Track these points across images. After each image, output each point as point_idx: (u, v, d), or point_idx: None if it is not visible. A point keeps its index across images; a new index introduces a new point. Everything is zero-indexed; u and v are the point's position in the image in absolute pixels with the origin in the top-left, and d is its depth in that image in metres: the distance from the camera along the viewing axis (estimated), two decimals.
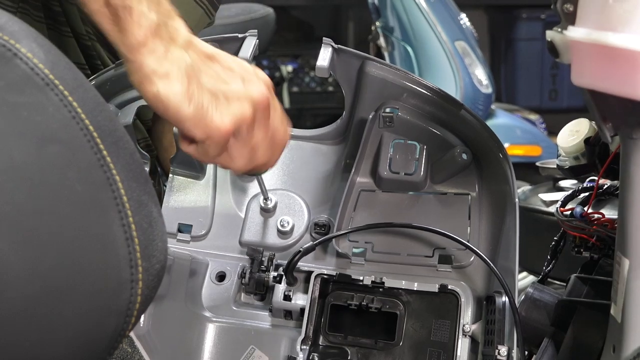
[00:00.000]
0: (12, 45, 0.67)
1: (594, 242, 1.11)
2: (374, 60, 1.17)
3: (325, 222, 1.25)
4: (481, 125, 1.16)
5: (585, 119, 1.17)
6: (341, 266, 1.21)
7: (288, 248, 1.24)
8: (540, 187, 2.04)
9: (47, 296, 0.64)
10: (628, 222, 0.83)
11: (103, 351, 0.71)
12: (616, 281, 0.86)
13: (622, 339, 0.85)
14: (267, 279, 1.21)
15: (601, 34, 0.71)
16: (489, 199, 1.20)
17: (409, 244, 1.20)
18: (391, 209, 1.22)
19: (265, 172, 1.09)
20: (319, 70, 1.13)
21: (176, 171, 1.29)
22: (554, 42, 0.81)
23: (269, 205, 1.25)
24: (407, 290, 1.17)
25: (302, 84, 4.61)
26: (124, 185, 0.69)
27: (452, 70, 3.36)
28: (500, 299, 1.08)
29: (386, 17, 3.53)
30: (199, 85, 0.85)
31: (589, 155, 1.14)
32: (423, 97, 1.18)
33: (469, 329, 1.13)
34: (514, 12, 4.80)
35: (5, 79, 0.65)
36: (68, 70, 0.70)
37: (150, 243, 0.72)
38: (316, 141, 1.29)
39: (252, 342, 1.21)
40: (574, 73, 0.78)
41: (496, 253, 1.17)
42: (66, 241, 0.65)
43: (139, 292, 0.70)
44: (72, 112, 0.68)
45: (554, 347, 1.10)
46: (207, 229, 1.26)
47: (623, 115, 0.79)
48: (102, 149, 0.69)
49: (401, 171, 1.20)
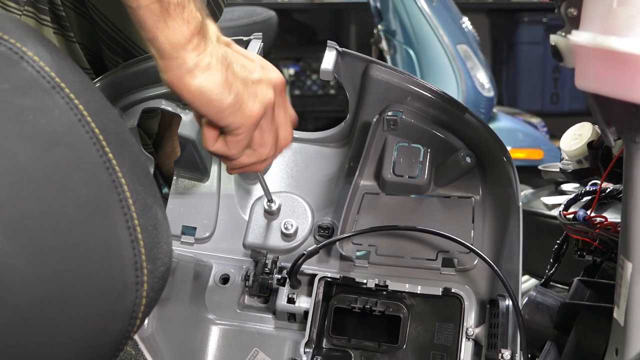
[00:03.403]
0: (19, 49, 0.67)
1: (596, 246, 1.11)
2: (378, 63, 1.17)
3: (329, 224, 1.25)
4: (485, 129, 1.16)
5: (588, 123, 1.17)
6: (345, 269, 1.21)
7: (292, 251, 1.24)
8: (543, 190, 2.03)
9: (52, 299, 0.64)
10: (631, 225, 0.83)
11: (108, 353, 0.71)
12: (619, 284, 0.86)
13: (624, 342, 0.85)
14: (270, 281, 1.21)
15: (605, 38, 0.71)
16: (492, 202, 1.20)
17: (413, 247, 1.20)
18: (395, 212, 1.22)
19: (268, 170, 1.12)
20: (324, 74, 1.13)
21: (180, 174, 1.29)
22: (558, 46, 0.81)
23: (273, 208, 1.25)
24: (411, 293, 1.17)
25: (304, 87, 4.61)
26: (129, 188, 0.69)
27: (454, 74, 3.36)
28: (503, 302, 1.09)
29: (388, 20, 3.53)
30: (234, 74, 0.90)
31: (591, 158, 1.14)
32: (427, 101, 1.18)
33: (472, 332, 1.14)
34: (515, 15, 4.79)
35: (11, 82, 0.66)
36: (74, 73, 0.70)
37: (156, 245, 0.72)
38: (320, 144, 1.29)
39: (255, 345, 1.21)
40: (578, 77, 0.78)
41: (500, 256, 1.17)
42: (72, 244, 0.65)
43: (144, 294, 0.71)
44: (78, 114, 0.68)
45: (556, 350, 1.10)
46: (211, 232, 1.26)
47: (626, 119, 0.79)
48: (107, 151, 0.69)
49: (405, 174, 1.20)
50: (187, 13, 0.85)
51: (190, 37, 0.85)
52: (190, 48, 0.86)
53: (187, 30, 0.85)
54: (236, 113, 0.91)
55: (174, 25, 0.84)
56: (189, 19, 0.85)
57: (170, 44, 0.85)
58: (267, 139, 0.99)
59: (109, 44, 1.23)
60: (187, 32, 0.85)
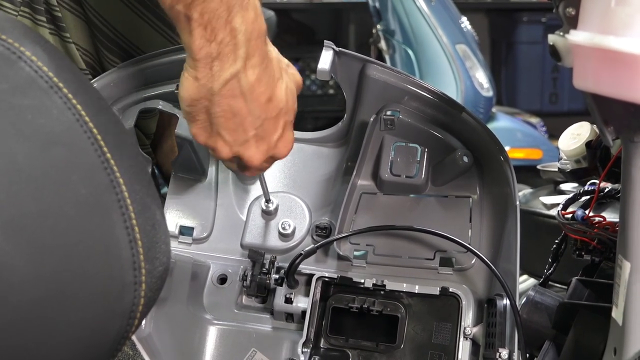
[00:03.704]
0: (17, 49, 0.67)
1: (595, 245, 1.11)
2: (375, 63, 1.17)
3: (327, 224, 1.25)
4: (482, 128, 1.17)
5: (586, 123, 1.17)
6: (342, 269, 1.21)
7: (289, 251, 1.24)
8: (541, 190, 2.04)
9: (51, 299, 0.64)
10: (629, 225, 0.83)
11: (106, 354, 0.71)
12: (617, 284, 0.86)
13: (623, 341, 0.85)
14: (268, 281, 1.21)
15: (603, 38, 0.72)
16: (490, 201, 1.20)
17: (410, 247, 1.20)
18: (392, 212, 1.22)
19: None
20: (320, 73, 1.13)
21: (178, 174, 1.29)
22: (556, 45, 0.81)
23: (271, 208, 1.25)
24: (409, 292, 1.17)
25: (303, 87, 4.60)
26: (127, 188, 0.69)
27: (453, 73, 3.36)
28: (501, 301, 1.09)
29: (387, 20, 3.53)
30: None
31: (590, 158, 1.14)
32: (424, 100, 1.18)
33: (470, 331, 1.13)
34: (514, 15, 4.80)
35: (9, 82, 0.66)
36: (72, 73, 0.70)
37: (154, 245, 0.72)
38: (317, 144, 1.29)
39: (253, 345, 1.21)
40: (576, 77, 0.78)
41: (497, 256, 1.17)
42: (70, 243, 0.65)
43: (142, 294, 0.71)
44: (76, 114, 0.68)
45: (555, 350, 1.10)
46: (208, 232, 1.26)
47: (625, 119, 0.79)
48: (105, 151, 0.69)
49: (402, 174, 1.20)
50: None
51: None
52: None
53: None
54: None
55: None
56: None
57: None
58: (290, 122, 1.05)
59: (107, 44, 1.23)
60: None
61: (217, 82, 0.90)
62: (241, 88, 0.92)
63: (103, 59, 1.25)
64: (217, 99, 0.92)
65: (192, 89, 0.91)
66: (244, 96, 0.93)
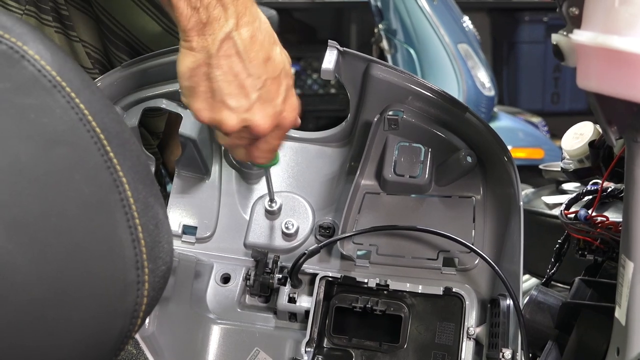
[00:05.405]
0: (20, 47, 0.67)
1: (598, 245, 1.11)
2: (379, 62, 1.17)
3: (330, 224, 1.25)
4: (486, 128, 1.16)
5: (589, 122, 1.17)
6: (346, 268, 1.21)
7: (293, 250, 1.24)
8: (544, 190, 2.03)
9: (54, 298, 0.64)
10: (632, 224, 0.83)
11: (109, 353, 0.71)
12: (620, 284, 0.86)
13: (626, 341, 0.85)
14: (271, 281, 1.21)
15: (607, 38, 0.71)
16: (493, 201, 1.20)
17: (414, 247, 1.20)
18: (396, 212, 1.22)
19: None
20: (325, 73, 1.13)
21: (181, 173, 1.29)
22: (560, 45, 0.81)
23: (274, 208, 1.25)
24: (412, 292, 1.17)
25: (305, 87, 4.61)
26: (130, 187, 0.69)
27: (455, 73, 3.36)
28: (504, 301, 1.08)
29: (389, 19, 3.53)
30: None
31: (593, 158, 1.14)
32: (428, 100, 1.18)
33: (473, 331, 1.13)
34: (516, 14, 4.80)
35: (12, 81, 0.65)
36: (75, 72, 0.70)
37: (157, 245, 0.72)
38: (321, 143, 1.29)
39: (256, 344, 1.21)
40: (580, 76, 0.78)
41: (501, 256, 1.17)
42: (73, 243, 0.65)
43: (145, 293, 0.70)
44: (79, 114, 0.68)
45: (558, 349, 1.10)
46: (212, 231, 1.26)
47: (628, 118, 0.79)
48: (108, 150, 0.69)
49: (406, 174, 1.20)
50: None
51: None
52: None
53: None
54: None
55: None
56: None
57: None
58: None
59: (115, 41, 1.23)
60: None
61: (212, 45, 0.90)
62: (237, 47, 0.92)
63: (111, 56, 1.25)
64: (215, 61, 0.91)
65: (189, 59, 0.92)
66: (240, 55, 0.92)
